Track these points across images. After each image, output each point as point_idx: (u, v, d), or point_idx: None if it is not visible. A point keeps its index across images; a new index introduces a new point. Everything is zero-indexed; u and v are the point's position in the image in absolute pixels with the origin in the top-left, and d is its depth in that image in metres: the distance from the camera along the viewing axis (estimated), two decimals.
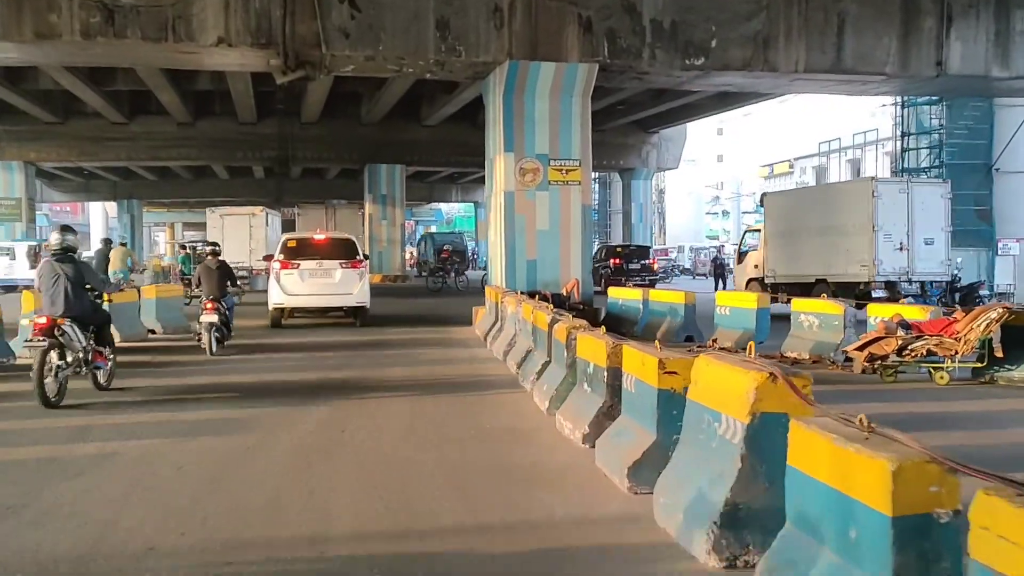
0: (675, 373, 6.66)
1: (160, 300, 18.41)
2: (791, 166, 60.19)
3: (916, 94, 26.25)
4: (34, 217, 40.98)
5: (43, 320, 9.93)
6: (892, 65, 18.69)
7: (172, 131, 38.01)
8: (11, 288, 30.64)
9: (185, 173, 54.15)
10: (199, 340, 14.79)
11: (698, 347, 16.15)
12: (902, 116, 29.87)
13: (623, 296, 18.62)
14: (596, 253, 33.36)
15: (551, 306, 13.28)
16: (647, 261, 35.98)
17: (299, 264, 18.78)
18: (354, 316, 19.72)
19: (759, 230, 24.74)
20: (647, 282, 30.77)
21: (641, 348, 7.28)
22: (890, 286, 19.62)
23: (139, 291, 18.12)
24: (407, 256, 42.32)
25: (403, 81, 29.59)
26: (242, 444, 8.30)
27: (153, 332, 17.58)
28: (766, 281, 22.90)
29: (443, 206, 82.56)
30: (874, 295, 19.05)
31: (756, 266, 24.40)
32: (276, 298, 18.95)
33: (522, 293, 16.75)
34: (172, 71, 29.86)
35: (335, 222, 36.33)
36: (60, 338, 9.93)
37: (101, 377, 10.76)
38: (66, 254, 10.42)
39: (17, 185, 38.51)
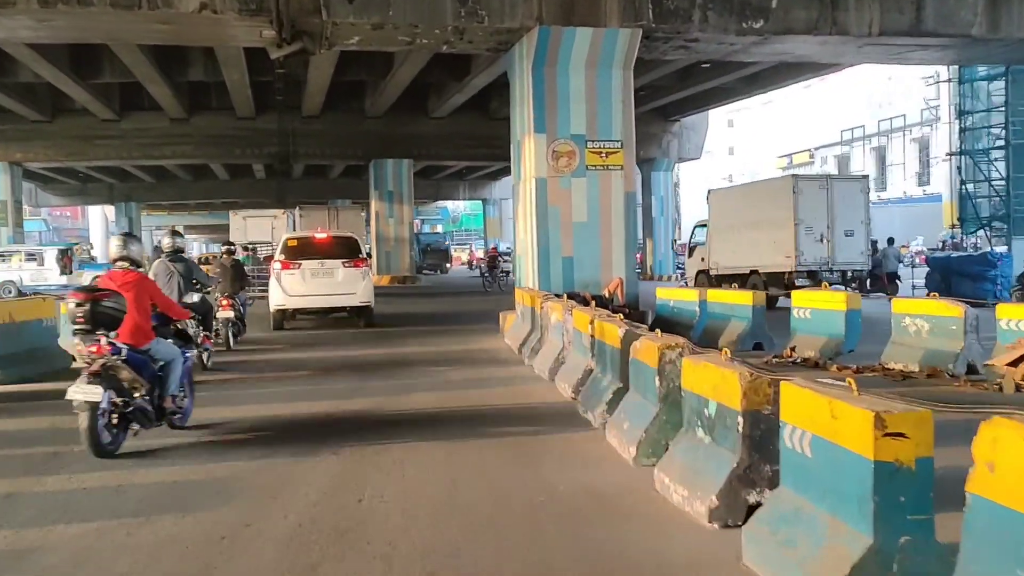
0: (902, 436, 4.05)
1: None
2: (811, 155, 57.50)
3: (1004, 62, 23.27)
4: (21, 221, 38.46)
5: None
6: (979, 27, 16.03)
7: (165, 127, 35.51)
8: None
9: (183, 174, 51.68)
10: (217, 336, 14.59)
11: (775, 358, 13.59)
12: (959, 92, 27.07)
13: (675, 297, 15.95)
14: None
15: (603, 311, 10.77)
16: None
17: (300, 264, 18.04)
18: (358, 316, 18.89)
19: (706, 225, 25.39)
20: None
21: (820, 389, 4.67)
22: (812, 275, 20.31)
23: None
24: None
25: (411, 66, 27.05)
26: (214, 530, 5.66)
27: None
28: (711, 273, 23.99)
29: (449, 204, 79.86)
30: (797, 283, 19.57)
31: (703, 259, 25.09)
32: (277, 299, 18.14)
33: (558, 295, 14.22)
34: (160, 59, 27.36)
35: (337, 222, 34.49)
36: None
37: (207, 360, 12.57)
38: (177, 255, 11.76)
39: (2, 187, 35.93)
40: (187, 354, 8.55)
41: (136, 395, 7.51)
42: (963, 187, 26.86)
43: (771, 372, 5.63)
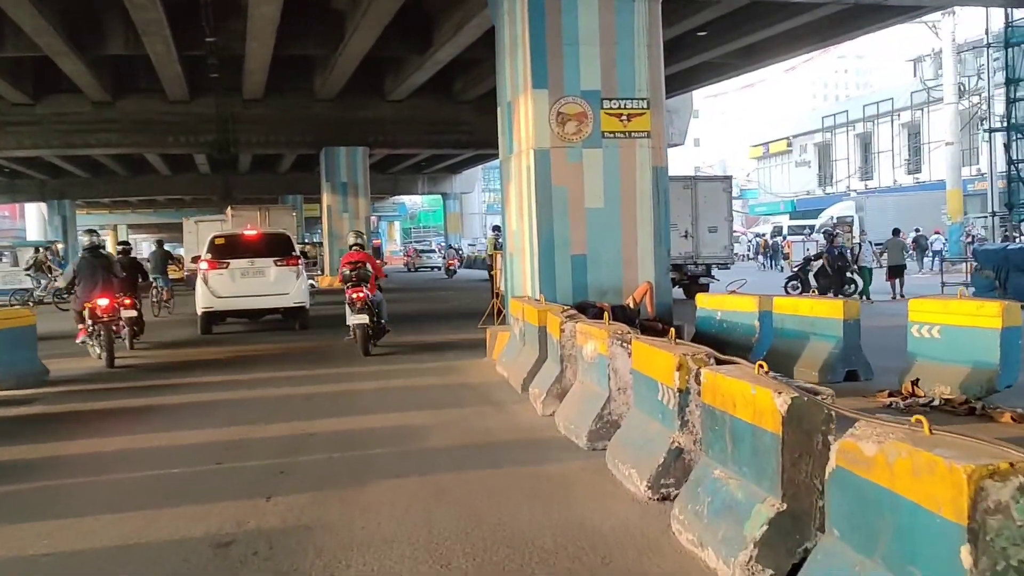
0: None
1: None
2: (789, 144, 53.65)
3: None
4: None
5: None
6: None
7: (87, 112, 30.61)
8: None
9: (121, 169, 46.61)
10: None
11: (892, 397, 9.47)
12: (1005, 58, 23.14)
13: (723, 307, 11.60)
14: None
15: (623, 328, 7.34)
16: None
17: (228, 263, 16.72)
18: (292, 319, 17.45)
19: None
20: None
21: None
22: (677, 268, 20.93)
23: None
24: None
25: (365, 35, 22.69)
26: None
27: None
28: None
29: (406, 199, 75.22)
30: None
31: None
32: (204, 301, 16.74)
33: (567, 307, 10.03)
34: (70, 27, 22.61)
35: (268, 223, 30.94)
36: None
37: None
38: (96, 250, 13.48)
39: None
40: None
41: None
42: (1013, 167, 22.94)
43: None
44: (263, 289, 16.70)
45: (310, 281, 28.65)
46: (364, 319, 12.98)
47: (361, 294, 13.04)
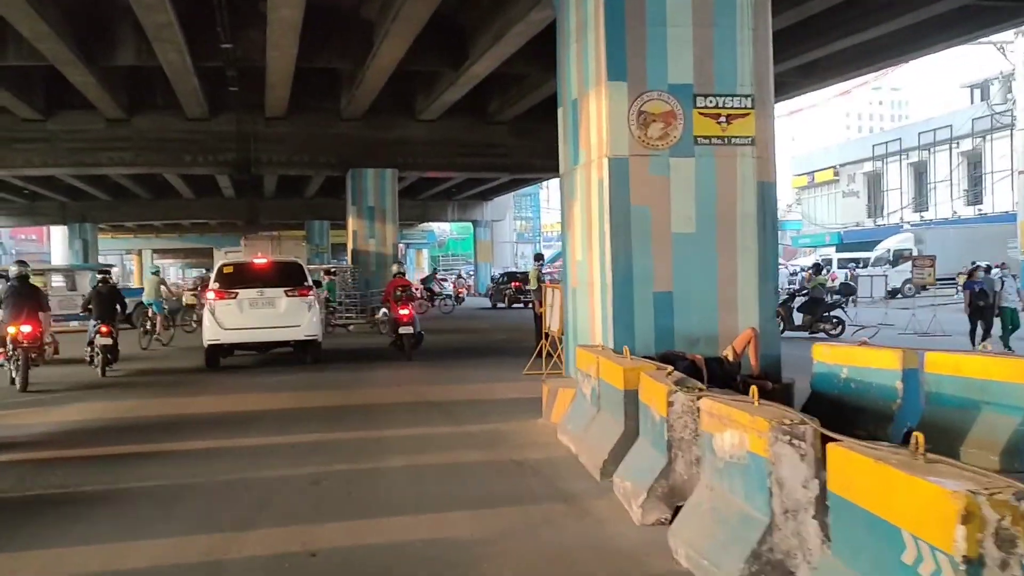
0: None
1: None
2: (836, 173, 50.73)
3: None
4: None
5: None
6: None
7: (100, 129, 28.32)
8: None
9: (144, 192, 44.46)
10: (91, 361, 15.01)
11: None
12: None
13: (851, 361, 8.92)
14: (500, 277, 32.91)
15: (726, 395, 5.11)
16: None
17: (237, 293, 15.72)
18: (303, 351, 16.42)
19: None
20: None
21: None
22: None
23: None
24: None
25: (394, 44, 20.24)
26: None
27: None
28: None
29: (435, 227, 72.89)
30: None
31: None
32: (211, 334, 15.68)
33: (647, 358, 7.46)
34: (75, 33, 20.42)
35: (280, 253, 29.12)
36: None
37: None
38: (23, 280, 13.87)
39: None
40: None
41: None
42: None
43: None
44: (273, 321, 15.65)
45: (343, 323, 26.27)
46: (410, 330, 16.46)
47: (409, 311, 16.49)
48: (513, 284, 36.53)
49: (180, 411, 11.03)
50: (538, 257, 18.27)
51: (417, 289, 26.48)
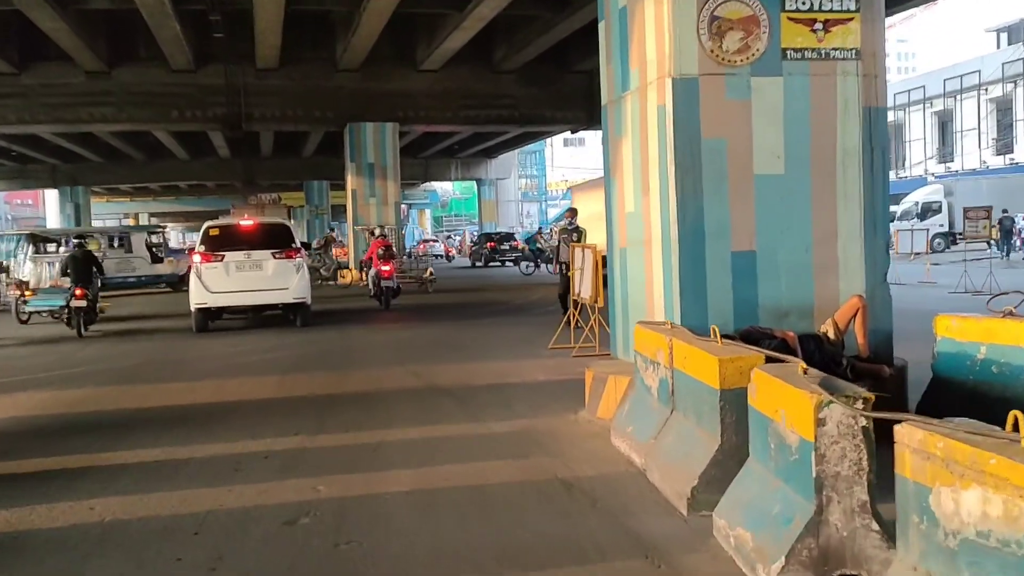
0: None
1: None
2: None
3: None
4: None
5: None
6: None
7: (79, 83, 26.16)
8: None
9: (136, 153, 42.19)
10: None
11: None
12: None
13: (992, 338, 6.80)
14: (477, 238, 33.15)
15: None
16: (513, 243, 39.67)
17: (223, 256, 15.40)
18: (293, 315, 16.05)
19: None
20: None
21: None
22: None
23: None
24: None
25: None
26: None
27: None
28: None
29: (438, 187, 70.50)
30: None
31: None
32: (198, 297, 15.35)
33: (724, 337, 5.34)
34: None
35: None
36: None
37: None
38: None
39: None
40: None
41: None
42: None
43: None
44: (261, 284, 15.34)
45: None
46: (390, 283, 18.61)
47: (390, 267, 18.61)
48: (488, 244, 38.41)
49: (140, 403, 8.95)
50: (571, 210, 16.10)
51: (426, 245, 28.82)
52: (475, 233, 52.17)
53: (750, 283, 6.85)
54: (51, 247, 26.11)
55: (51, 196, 60.00)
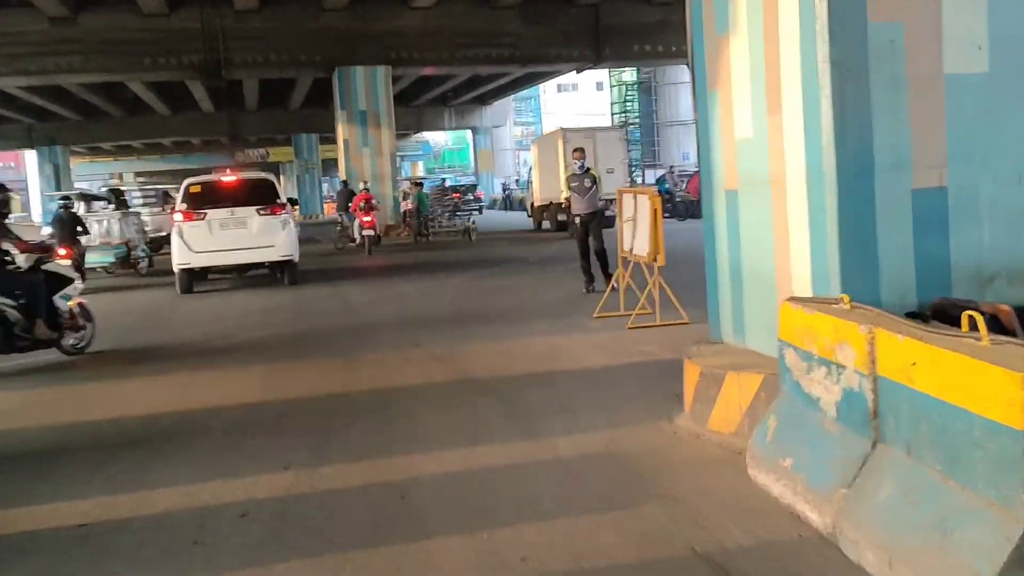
0: None
1: None
2: None
3: None
4: None
5: None
6: None
7: (43, 31, 23.65)
8: None
9: (114, 109, 39.59)
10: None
11: None
12: None
13: None
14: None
15: None
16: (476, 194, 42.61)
17: (205, 214, 14.54)
18: (280, 273, 15.45)
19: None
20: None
21: None
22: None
23: None
24: None
25: None
26: None
27: None
28: (535, 204, 26.85)
29: (430, 137, 67.69)
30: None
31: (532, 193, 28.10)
32: (181, 257, 14.55)
33: (911, 316, 3.03)
34: None
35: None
36: None
37: None
38: None
39: None
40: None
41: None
42: None
43: None
44: (245, 242, 14.61)
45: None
46: (371, 232, 21.14)
47: (371, 218, 21.25)
48: (454, 195, 36.65)
49: (80, 416, 6.74)
50: (580, 153, 12.49)
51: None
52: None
53: (939, 234, 4.63)
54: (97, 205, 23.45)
55: (31, 157, 57.25)
